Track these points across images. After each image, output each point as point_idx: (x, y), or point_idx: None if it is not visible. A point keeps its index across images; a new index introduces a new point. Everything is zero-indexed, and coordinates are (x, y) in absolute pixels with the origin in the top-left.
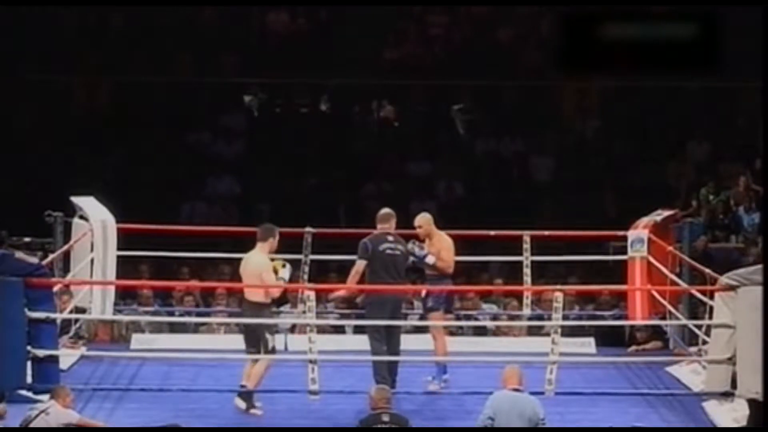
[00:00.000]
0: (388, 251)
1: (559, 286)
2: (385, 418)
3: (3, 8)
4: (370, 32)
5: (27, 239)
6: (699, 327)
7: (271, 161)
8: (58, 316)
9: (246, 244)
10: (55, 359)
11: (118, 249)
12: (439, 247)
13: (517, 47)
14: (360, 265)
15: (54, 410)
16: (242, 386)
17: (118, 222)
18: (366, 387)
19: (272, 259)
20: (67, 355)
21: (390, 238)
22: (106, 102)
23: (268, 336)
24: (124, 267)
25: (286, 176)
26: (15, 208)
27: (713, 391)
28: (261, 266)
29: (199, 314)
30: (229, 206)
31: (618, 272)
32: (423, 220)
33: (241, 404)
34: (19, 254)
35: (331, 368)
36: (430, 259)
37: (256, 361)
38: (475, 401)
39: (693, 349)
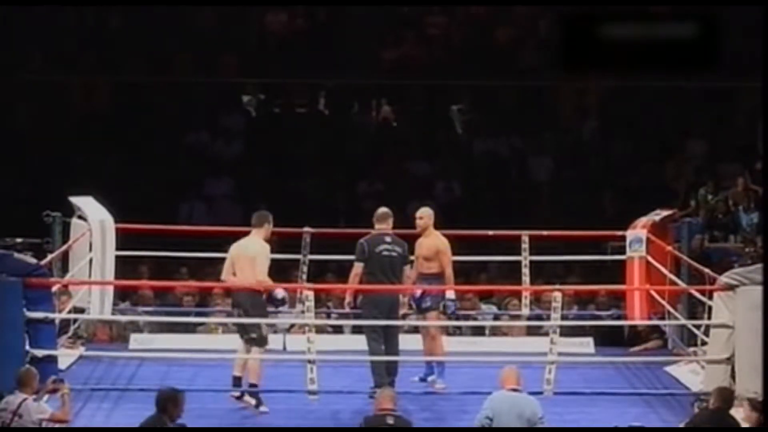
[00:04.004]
0: (385, 252)
1: (557, 286)
2: (390, 420)
3: (3, 8)
4: (369, 32)
5: (18, 239)
6: (698, 327)
7: (269, 161)
8: (57, 316)
9: None
10: (53, 359)
11: (117, 249)
12: (437, 247)
13: (515, 47)
14: (358, 267)
15: (26, 409)
16: (237, 378)
17: (116, 222)
18: (364, 387)
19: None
20: (66, 355)
21: (388, 239)
22: (104, 102)
23: (262, 324)
24: (124, 267)
25: (285, 176)
26: (14, 208)
27: (712, 390)
28: (258, 251)
29: (197, 314)
30: (227, 206)
31: (616, 272)
32: (425, 213)
33: (251, 400)
34: (18, 254)
35: (329, 368)
36: (450, 294)
37: (246, 352)
38: (474, 401)
39: (692, 349)
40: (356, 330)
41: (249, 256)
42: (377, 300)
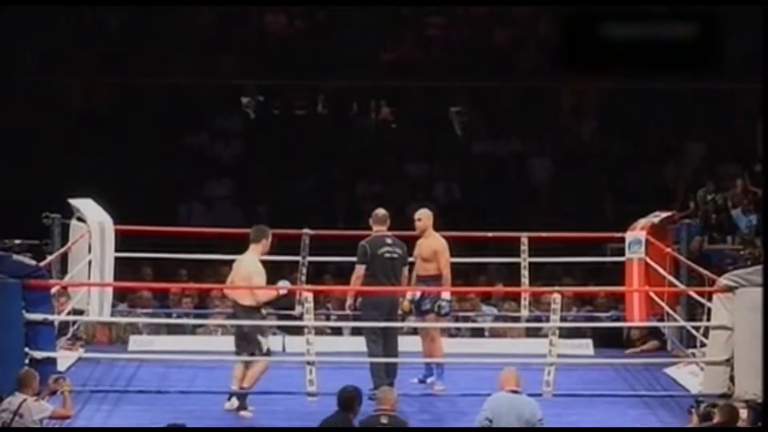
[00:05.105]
0: (387, 254)
1: (556, 288)
2: (384, 420)
3: (3, 8)
4: (368, 33)
5: (17, 241)
6: (697, 328)
7: (268, 163)
8: (56, 318)
9: (244, 245)
10: (52, 361)
11: (116, 251)
12: (435, 248)
13: (514, 48)
14: (360, 269)
15: (26, 409)
16: (236, 388)
17: (115, 223)
18: (364, 389)
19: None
20: (65, 357)
21: (389, 240)
22: (103, 103)
23: (260, 339)
24: (124, 269)
25: (284, 178)
26: (13, 210)
27: (711, 392)
28: (252, 271)
29: (196, 316)
30: (226, 208)
31: (616, 274)
32: (424, 214)
33: (234, 403)
34: (17, 256)
35: (328, 370)
36: (446, 295)
37: (246, 363)
38: (473, 403)
39: (691, 350)
40: (355, 331)
41: (242, 275)
42: (377, 302)
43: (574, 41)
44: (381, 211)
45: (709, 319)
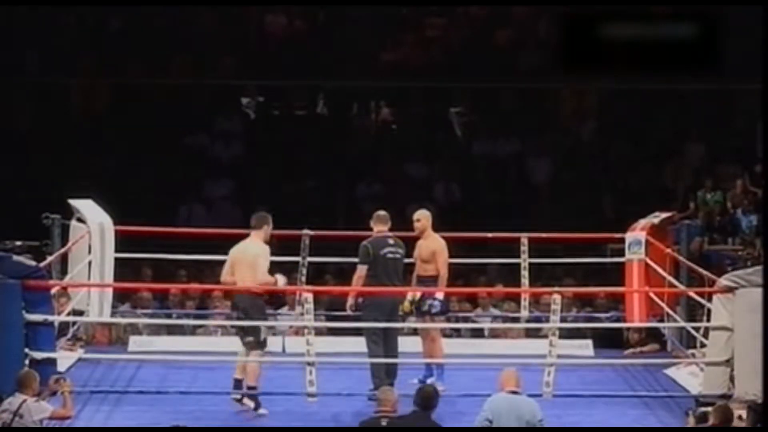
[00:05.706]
0: (390, 255)
1: (556, 288)
2: (383, 422)
3: (3, 8)
4: (368, 34)
5: (17, 242)
6: (697, 329)
7: (268, 163)
8: (56, 319)
9: None
10: (52, 362)
11: (116, 251)
12: (434, 248)
13: (514, 48)
14: (362, 269)
15: (26, 409)
16: (238, 380)
17: (115, 224)
18: (364, 389)
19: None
20: (65, 358)
21: (391, 241)
22: (104, 104)
23: (261, 327)
24: (124, 269)
25: (284, 178)
26: (13, 210)
27: (711, 393)
28: (258, 252)
29: (196, 317)
30: (226, 208)
31: (616, 274)
32: (423, 215)
33: (250, 403)
34: (17, 256)
35: (328, 370)
36: (440, 295)
37: (249, 354)
38: (473, 403)
39: (691, 351)
40: (356, 332)
41: (248, 260)
42: (379, 302)
43: (574, 41)
44: (382, 212)
45: (709, 320)
